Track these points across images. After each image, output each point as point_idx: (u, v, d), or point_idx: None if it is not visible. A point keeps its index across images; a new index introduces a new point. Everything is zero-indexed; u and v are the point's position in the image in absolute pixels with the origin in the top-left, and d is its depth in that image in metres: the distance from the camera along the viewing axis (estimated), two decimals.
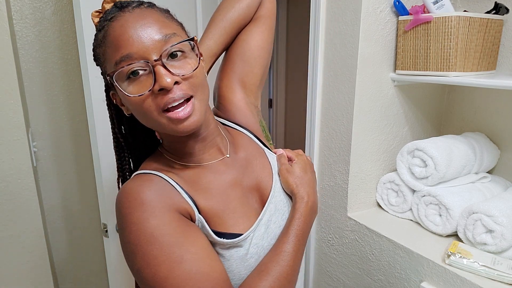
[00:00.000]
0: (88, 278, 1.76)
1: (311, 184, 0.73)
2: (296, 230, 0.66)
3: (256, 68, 0.79)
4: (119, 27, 0.56)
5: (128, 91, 0.57)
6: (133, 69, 0.56)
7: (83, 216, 1.68)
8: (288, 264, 0.63)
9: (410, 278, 1.05)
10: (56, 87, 1.53)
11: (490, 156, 1.19)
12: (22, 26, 1.43)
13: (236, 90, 0.78)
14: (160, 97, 0.56)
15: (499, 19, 1.11)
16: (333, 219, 1.33)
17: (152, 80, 0.55)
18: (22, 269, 1.39)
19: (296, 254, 0.65)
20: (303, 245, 0.67)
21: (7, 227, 1.34)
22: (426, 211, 1.11)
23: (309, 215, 0.69)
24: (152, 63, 0.55)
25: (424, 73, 1.11)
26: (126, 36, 0.55)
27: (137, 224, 0.56)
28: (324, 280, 1.42)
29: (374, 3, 1.11)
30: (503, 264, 0.90)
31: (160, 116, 0.57)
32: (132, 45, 0.55)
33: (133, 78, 0.56)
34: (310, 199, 0.70)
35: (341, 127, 1.23)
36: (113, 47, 0.57)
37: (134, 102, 0.57)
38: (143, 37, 0.55)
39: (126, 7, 0.59)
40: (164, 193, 0.60)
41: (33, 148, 1.44)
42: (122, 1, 0.61)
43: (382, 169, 1.29)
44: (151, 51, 0.55)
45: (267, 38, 0.80)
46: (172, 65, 0.57)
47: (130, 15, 0.57)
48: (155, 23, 0.57)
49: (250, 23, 0.81)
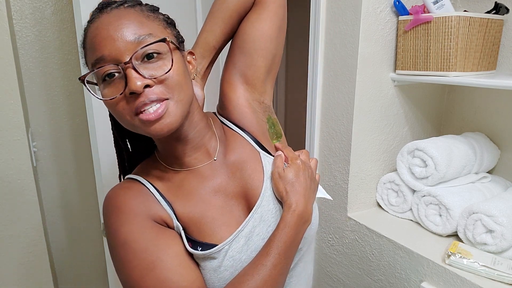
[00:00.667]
0: (88, 278, 1.76)
1: (303, 191, 0.64)
2: (278, 242, 0.59)
3: (258, 60, 0.70)
4: (95, 29, 0.55)
5: (103, 93, 0.56)
6: (109, 71, 0.54)
7: (83, 216, 1.68)
8: (264, 279, 0.57)
9: (410, 278, 1.05)
10: (56, 87, 1.53)
11: (490, 156, 1.19)
12: (22, 26, 1.43)
13: (236, 85, 0.71)
14: (132, 101, 0.54)
15: (499, 19, 1.11)
16: (333, 219, 1.33)
17: (124, 83, 0.54)
18: (22, 269, 1.39)
19: (276, 269, 0.58)
20: (287, 259, 0.60)
21: (7, 227, 1.33)
22: (426, 211, 1.11)
23: (296, 226, 0.61)
24: (122, 65, 0.53)
25: (424, 73, 1.10)
26: (99, 38, 0.54)
27: (113, 228, 0.58)
28: (324, 280, 1.42)
29: (374, 3, 1.11)
30: (503, 264, 0.90)
31: (133, 119, 0.56)
32: (105, 47, 0.54)
33: (109, 80, 0.55)
34: (298, 208, 0.62)
35: (341, 127, 1.23)
36: (90, 49, 0.56)
37: (109, 105, 0.56)
38: (116, 39, 0.53)
39: (105, 8, 0.57)
40: (140, 200, 0.61)
41: (33, 148, 1.44)
42: (105, 1, 0.59)
43: (382, 169, 1.29)
44: (124, 53, 0.53)
45: (270, 25, 0.70)
46: (146, 67, 0.55)
47: (107, 16, 0.56)
48: (130, 23, 0.55)
49: (251, 9, 0.71)
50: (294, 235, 0.61)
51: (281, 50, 0.74)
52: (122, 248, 0.57)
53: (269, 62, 0.72)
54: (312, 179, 0.68)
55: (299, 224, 0.62)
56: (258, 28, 0.70)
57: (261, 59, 0.70)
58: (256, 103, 0.72)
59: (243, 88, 0.71)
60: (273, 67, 0.73)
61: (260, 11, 0.70)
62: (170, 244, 0.59)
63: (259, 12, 0.70)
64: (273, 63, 0.73)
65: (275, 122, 0.74)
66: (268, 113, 0.74)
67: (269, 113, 0.74)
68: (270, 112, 0.74)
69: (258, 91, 0.72)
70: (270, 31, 0.70)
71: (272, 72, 0.74)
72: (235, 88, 0.71)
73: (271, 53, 0.71)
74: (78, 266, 1.72)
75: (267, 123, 0.73)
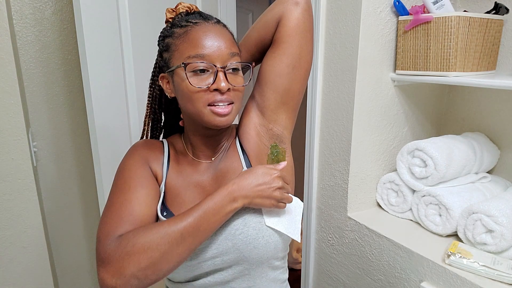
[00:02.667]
0: (88, 278, 1.76)
1: (251, 183, 0.68)
2: (199, 207, 0.65)
3: (267, 92, 0.78)
4: (202, 32, 0.70)
5: (190, 80, 0.69)
6: (203, 67, 0.69)
7: (83, 216, 1.68)
8: (166, 235, 0.62)
9: (410, 278, 1.05)
10: (56, 87, 1.53)
11: (490, 156, 1.19)
12: (22, 26, 1.43)
13: (250, 110, 0.81)
14: (211, 95, 0.69)
15: (499, 19, 1.11)
16: (333, 219, 1.33)
17: (211, 80, 0.69)
18: (22, 269, 1.39)
19: (183, 232, 0.63)
20: (199, 228, 0.64)
21: (7, 227, 1.34)
22: (426, 211, 1.11)
23: (221, 198, 0.66)
24: (218, 68, 0.69)
25: (424, 73, 1.11)
26: (205, 41, 0.69)
27: (122, 160, 0.78)
28: (324, 280, 1.42)
29: (374, 3, 1.11)
30: (503, 264, 0.90)
31: (204, 108, 0.70)
32: (207, 49, 0.69)
33: (199, 73, 0.69)
34: (233, 186, 0.67)
35: (341, 127, 1.23)
36: (192, 44, 0.69)
37: (191, 89, 0.69)
38: (216, 47, 0.69)
39: (209, 19, 0.73)
40: (151, 152, 0.79)
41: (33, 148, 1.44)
42: (203, 13, 0.75)
43: (382, 169, 1.29)
44: (218, 60, 0.69)
45: (279, 63, 0.77)
46: (230, 76, 0.70)
47: (213, 26, 0.71)
48: (227, 40, 0.71)
49: (271, 45, 0.79)
50: (218, 207, 0.66)
51: (297, 85, 0.79)
52: (118, 172, 0.75)
53: (280, 95, 0.78)
54: (270, 189, 0.69)
55: (225, 199, 0.67)
56: (269, 63, 0.78)
57: (270, 91, 0.78)
58: (263, 128, 0.80)
59: (255, 114, 0.81)
60: (288, 100, 0.79)
61: (274, 48, 0.78)
62: (148, 187, 0.73)
63: (273, 50, 0.78)
64: (286, 96, 0.79)
65: (280, 151, 0.79)
66: (274, 141, 0.80)
67: (276, 141, 0.80)
68: (279, 141, 0.80)
69: (268, 119, 0.80)
70: (280, 68, 0.77)
71: (287, 105, 0.80)
72: (249, 112, 0.81)
73: (282, 87, 0.78)
74: (78, 266, 1.72)
75: (269, 149, 0.79)
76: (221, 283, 0.74)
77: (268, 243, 0.71)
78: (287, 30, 0.76)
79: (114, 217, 0.68)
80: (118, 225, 0.66)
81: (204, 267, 0.72)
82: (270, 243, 0.72)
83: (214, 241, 0.71)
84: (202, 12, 0.76)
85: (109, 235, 0.65)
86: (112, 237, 0.65)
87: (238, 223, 0.71)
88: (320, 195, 1.37)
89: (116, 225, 0.67)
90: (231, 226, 0.71)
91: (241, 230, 0.70)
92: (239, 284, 0.74)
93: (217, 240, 0.71)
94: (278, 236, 0.73)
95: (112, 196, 0.72)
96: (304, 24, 0.76)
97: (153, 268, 0.62)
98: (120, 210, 0.69)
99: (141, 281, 0.62)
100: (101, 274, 0.62)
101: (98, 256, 0.64)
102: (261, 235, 0.71)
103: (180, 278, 0.76)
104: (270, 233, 0.71)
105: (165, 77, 0.76)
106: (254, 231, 0.71)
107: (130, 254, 0.61)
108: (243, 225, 0.71)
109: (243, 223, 0.71)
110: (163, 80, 0.77)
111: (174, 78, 0.73)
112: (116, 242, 0.64)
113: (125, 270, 0.61)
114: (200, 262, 0.71)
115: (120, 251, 0.62)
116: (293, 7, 0.76)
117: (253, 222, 0.71)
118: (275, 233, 0.72)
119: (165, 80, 0.76)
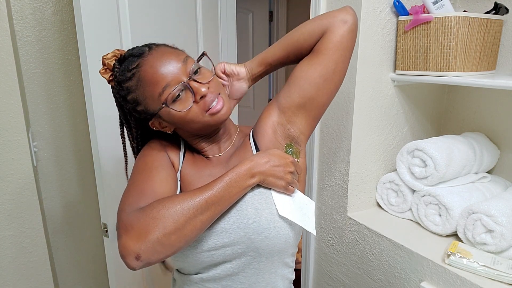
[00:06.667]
0: (88, 278, 1.76)
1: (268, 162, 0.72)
2: (220, 181, 0.68)
3: (293, 94, 0.80)
4: (150, 68, 0.72)
5: (178, 109, 0.72)
6: (177, 92, 0.71)
7: (83, 216, 1.68)
8: (187, 208, 0.65)
9: (410, 278, 1.05)
10: (57, 87, 1.53)
11: (490, 156, 1.19)
12: (22, 26, 1.43)
13: (271, 110, 0.82)
14: (202, 103, 0.72)
15: (499, 19, 1.11)
16: (333, 219, 1.33)
17: (190, 94, 0.72)
18: (22, 269, 1.39)
19: (203, 204, 0.66)
20: (219, 201, 0.67)
21: (7, 227, 1.34)
22: (426, 211, 1.12)
23: (240, 174, 0.70)
24: (187, 82, 0.72)
25: (424, 73, 1.11)
26: (160, 71, 0.71)
27: (144, 148, 0.82)
28: (324, 280, 1.42)
29: (374, 3, 1.11)
30: (503, 264, 0.90)
31: (204, 116, 0.73)
32: (167, 77, 0.71)
33: (177, 99, 0.72)
34: (252, 163, 0.71)
35: (341, 127, 1.23)
36: (152, 84, 0.72)
37: (185, 114, 0.73)
38: (171, 68, 0.72)
39: (143, 53, 0.74)
40: (169, 143, 0.84)
41: (33, 148, 1.44)
42: (131, 51, 0.75)
43: (382, 169, 1.29)
44: (181, 75, 0.72)
45: (313, 71, 0.78)
46: (198, 78, 0.73)
47: (152, 57, 0.73)
48: (171, 54, 0.73)
49: (310, 53, 0.81)
50: (238, 179, 0.70)
51: (323, 98, 0.80)
52: (139, 158, 0.79)
53: (304, 100, 0.79)
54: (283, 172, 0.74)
55: (246, 173, 0.70)
56: (304, 69, 0.80)
57: (296, 94, 0.80)
58: (281, 128, 0.81)
59: (276, 112, 0.82)
60: (311, 108, 0.80)
61: (312, 57, 0.80)
62: (167, 170, 0.77)
63: (311, 58, 0.80)
64: (310, 104, 0.80)
65: (294, 151, 0.82)
66: (290, 140, 0.82)
67: (292, 142, 0.82)
68: (295, 142, 0.82)
69: (287, 119, 0.81)
70: (312, 77, 0.78)
71: (309, 112, 0.81)
72: (269, 111, 0.83)
73: (309, 94, 0.79)
74: (78, 266, 1.72)
75: (284, 147, 0.81)
76: (230, 275, 0.75)
77: (279, 235, 0.73)
78: (329, 44, 0.77)
79: (137, 191, 0.70)
80: (141, 199, 0.68)
81: (214, 256, 0.73)
82: (281, 235, 0.73)
83: (226, 229, 0.72)
84: (130, 49, 0.77)
85: (132, 205, 0.67)
86: (136, 207, 0.66)
87: (251, 212, 0.72)
88: (320, 195, 1.37)
89: (138, 198, 0.69)
90: (243, 215, 0.72)
91: (253, 219, 0.72)
92: (248, 278, 0.75)
93: (230, 229, 0.72)
94: (289, 229, 0.74)
95: (133, 176, 0.75)
96: (347, 42, 0.78)
97: (178, 233, 0.63)
98: (143, 186, 0.71)
99: (165, 247, 0.63)
100: (123, 242, 0.62)
101: (120, 224, 0.65)
102: (273, 226, 0.72)
103: (190, 269, 0.77)
104: (281, 224, 0.73)
105: (154, 122, 0.79)
106: (266, 221, 0.72)
107: (156, 219, 0.63)
108: (256, 214, 0.72)
109: (255, 213, 0.72)
110: (154, 124, 0.79)
111: (163, 117, 0.76)
112: (140, 210, 0.65)
113: (150, 234, 0.61)
114: (211, 250, 0.72)
115: (145, 216, 0.63)
116: (341, 24, 0.77)
117: (265, 213, 0.72)
118: (287, 226, 0.74)
119: (156, 122, 0.79)
